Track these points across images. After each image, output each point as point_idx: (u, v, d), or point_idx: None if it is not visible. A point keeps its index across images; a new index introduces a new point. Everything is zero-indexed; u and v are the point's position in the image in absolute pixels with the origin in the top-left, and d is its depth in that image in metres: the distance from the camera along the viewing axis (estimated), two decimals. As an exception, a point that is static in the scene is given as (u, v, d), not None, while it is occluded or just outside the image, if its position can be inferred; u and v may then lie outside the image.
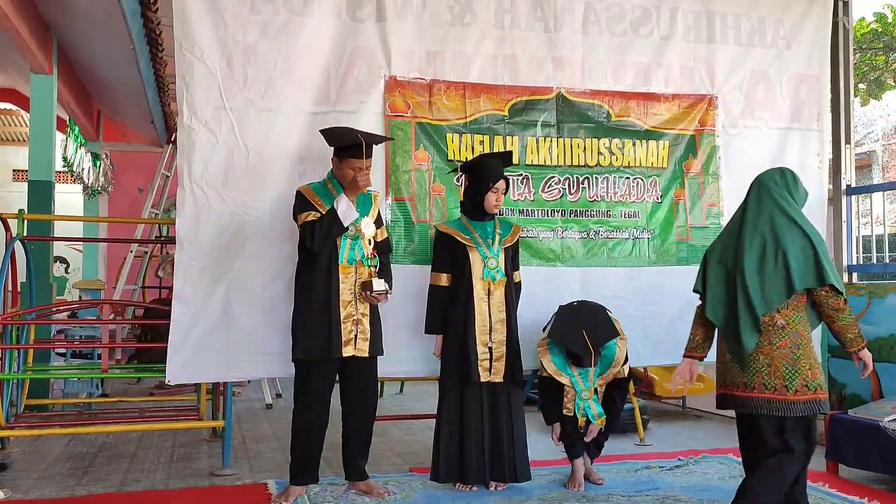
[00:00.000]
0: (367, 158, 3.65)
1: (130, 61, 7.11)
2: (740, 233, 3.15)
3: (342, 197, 3.62)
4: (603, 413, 3.84)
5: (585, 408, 3.81)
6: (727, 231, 3.31)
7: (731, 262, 3.16)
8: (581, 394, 3.82)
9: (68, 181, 10.70)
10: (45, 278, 6.24)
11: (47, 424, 4.95)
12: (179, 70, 3.99)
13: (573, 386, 3.83)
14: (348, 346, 3.64)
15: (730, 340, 3.13)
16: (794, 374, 3.02)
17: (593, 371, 3.83)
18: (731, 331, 3.12)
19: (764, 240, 3.08)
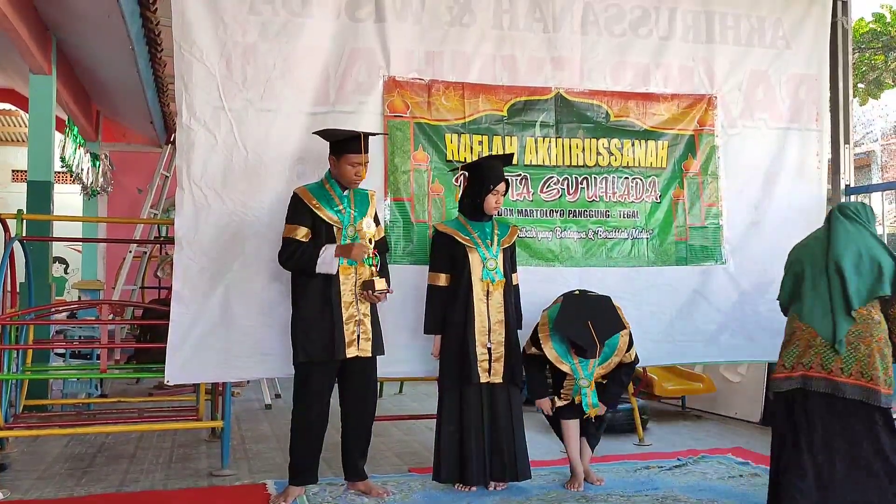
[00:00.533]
0: (364, 153, 3.66)
1: (129, 62, 7.11)
2: (832, 244, 3.29)
3: (330, 250, 3.60)
4: (598, 404, 3.86)
5: (582, 395, 3.83)
6: (813, 248, 3.40)
7: (822, 264, 3.29)
8: (580, 381, 3.83)
9: (67, 182, 10.70)
10: (44, 279, 6.24)
11: (46, 425, 4.94)
12: (178, 70, 3.99)
13: (573, 374, 3.84)
14: (351, 347, 3.64)
15: (823, 327, 3.21)
16: (887, 367, 3.13)
17: (594, 361, 3.83)
18: (825, 318, 3.22)
19: (858, 249, 3.24)
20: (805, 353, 3.23)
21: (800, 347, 3.26)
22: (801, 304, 3.31)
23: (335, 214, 3.67)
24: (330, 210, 3.67)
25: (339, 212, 3.68)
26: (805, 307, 3.29)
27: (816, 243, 3.38)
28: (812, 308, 3.26)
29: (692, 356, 4.87)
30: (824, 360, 3.18)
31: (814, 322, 3.24)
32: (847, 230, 3.30)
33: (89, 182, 9.80)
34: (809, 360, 3.21)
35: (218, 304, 3.96)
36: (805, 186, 5.00)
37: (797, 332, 3.29)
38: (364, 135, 3.65)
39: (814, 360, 3.20)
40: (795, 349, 3.27)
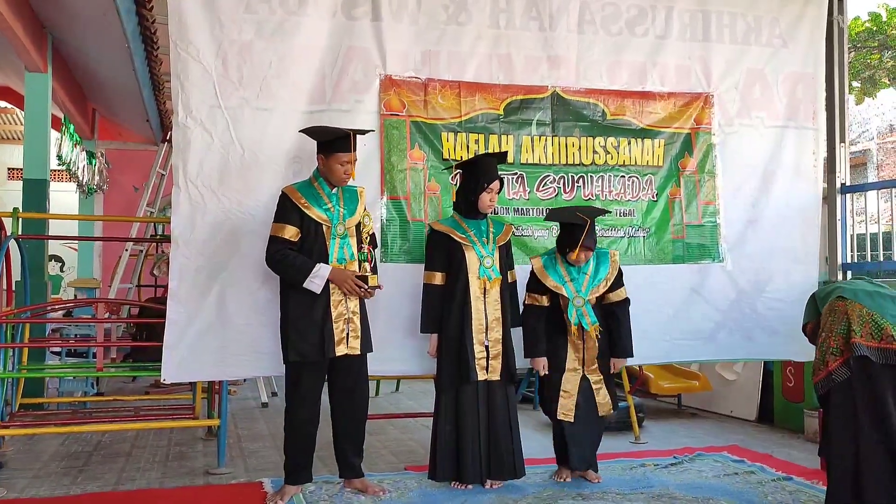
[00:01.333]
0: (353, 151, 3.66)
1: (125, 60, 7.09)
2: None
3: (324, 271, 3.58)
4: (596, 321, 3.93)
5: (578, 315, 3.90)
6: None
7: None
8: (574, 300, 3.91)
9: (63, 180, 10.67)
10: (40, 277, 6.23)
11: (42, 423, 4.94)
12: (174, 69, 3.98)
13: (565, 291, 3.92)
14: (341, 345, 3.64)
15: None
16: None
17: (587, 282, 3.94)
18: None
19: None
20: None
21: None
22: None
23: (324, 213, 3.67)
24: (318, 209, 3.66)
25: (327, 210, 3.68)
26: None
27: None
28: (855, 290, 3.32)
29: (690, 355, 4.88)
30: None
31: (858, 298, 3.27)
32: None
33: (86, 180, 9.78)
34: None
35: (214, 302, 3.96)
36: (801, 185, 5.00)
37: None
38: (353, 133, 3.65)
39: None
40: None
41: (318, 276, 3.58)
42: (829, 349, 3.27)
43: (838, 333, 3.25)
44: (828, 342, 3.29)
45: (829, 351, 3.27)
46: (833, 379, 3.24)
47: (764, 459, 4.44)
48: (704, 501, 3.65)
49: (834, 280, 5.25)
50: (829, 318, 3.36)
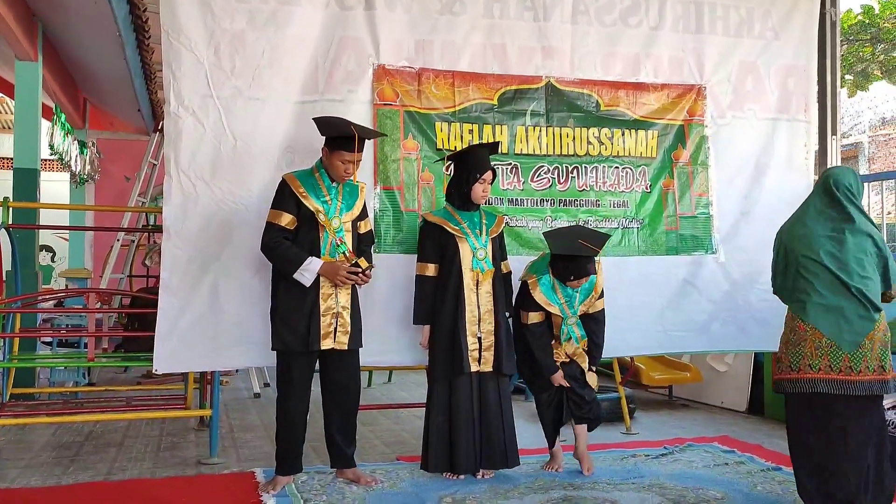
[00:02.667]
0: (358, 152, 3.64)
1: (116, 49, 7.05)
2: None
3: (315, 264, 3.57)
4: (585, 335, 4.00)
5: (569, 331, 3.96)
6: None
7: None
8: (567, 320, 3.96)
9: (54, 169, 10.62)
10: (31, 267, 6.21)
11: (33, 413, 4.93)
12: (166, 58, 3.96)
13: (560, 313, 3.94)
14: (327, 339, 3.63)
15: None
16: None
17: (578, 298, 3.96)
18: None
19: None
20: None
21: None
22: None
23: (321, 204, 3.65)
24: (316, 200, 3.65)
25: (325, 202, 3.67)
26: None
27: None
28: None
29: (683, 346, 4.90)
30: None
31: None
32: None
33: (78, 170, 9.73)
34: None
35: (206, 293, 3.95)
36: (793, 177, 5.02)
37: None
38: (357, 136, 3.60)
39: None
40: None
41: (309, 270, 3.57)
42: (786, 361, 3.35)
43: (796, 355, 3.31)
44: (788, 356, 3.35)
45: (787, 362, 3.35)
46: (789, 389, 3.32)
47: (754, 450, 4.47)
48: (694, 491, 3.67)
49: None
50: (788, 332, 3.39)
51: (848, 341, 3.20)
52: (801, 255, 3.33)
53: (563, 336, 3.98)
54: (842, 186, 3.35)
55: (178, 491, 3.69)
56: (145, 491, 3.70)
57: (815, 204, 3.41)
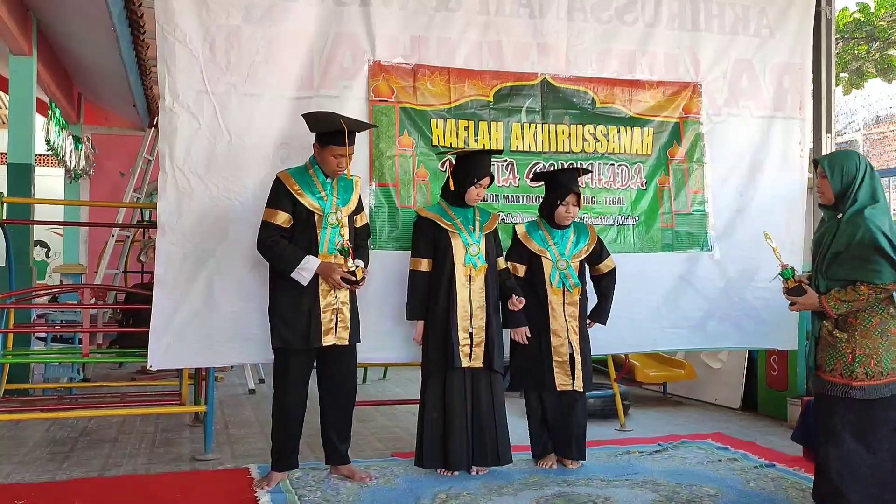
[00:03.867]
0: (349, 146, 3.64)
1: (111, 44, 7.02)
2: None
3: (313, 263, 3.57)
4: (580, 283, 4.03)
5: (562, 276, 3.97)
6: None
7: None
8: (557, 263, 3.98)
9: (49, 164, 10.58)
10: (25, 262, 6.19)
11: (27, 409, 4.92)
12: (161, 53, 3.95)
13: (550, 256, 3.99)
14: (328, 336, 3.63)
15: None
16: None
17: (570, 246, 4.04)
18: None
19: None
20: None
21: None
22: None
23: (317, 202, 3.65)
24: (312, 197, 3.65)
25: (320, 199, 3.66)
26: None
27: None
28: None
29: (678, 343, 4.90)
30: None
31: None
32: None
33: (73, 165, 9.70)
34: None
35: (201, 289, 3.94)
36: (788, 175, 5.03)
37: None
38: (347, 129, 3.60)
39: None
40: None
41: (306, 269, 3.57)
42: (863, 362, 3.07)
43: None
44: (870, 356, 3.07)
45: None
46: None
47: (747, 447, 4.48)
48: (688, 488, 3.68)
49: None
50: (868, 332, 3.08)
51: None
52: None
53: (553, 282, 3.97)
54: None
55: (173, 487, 3.69)
56: (140, 487, 3.70)
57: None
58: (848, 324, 3.09)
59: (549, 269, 4.02)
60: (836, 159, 3.23)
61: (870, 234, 3.00)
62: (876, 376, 3.04)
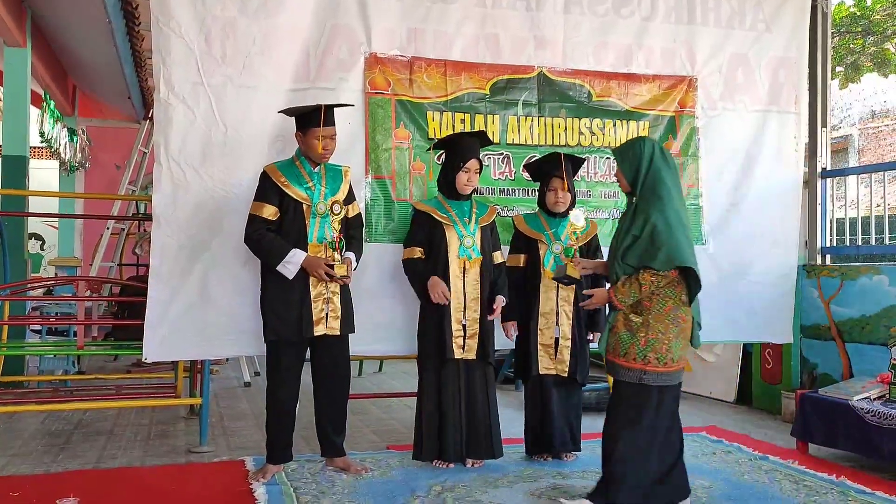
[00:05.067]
0: (325, 126, 3.63)
1: (106, 35, 6.99)
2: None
3: (298, 257, 3.56)
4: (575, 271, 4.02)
5: (556, 261, 3.96)
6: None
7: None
8: (552, 246, 3.99)
9: (43, 157, 10.54)
10: (20, 255, 6.18)
11: (22, 401, 4.92)
12: (156, 45, 3.93)
13: (545, 240, 4.01)
14: (319, 325, 3.63)
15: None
16: None
17: (566, 233, 4.02)
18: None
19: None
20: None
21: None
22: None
23: (304, 192, 3.65)
24: (299, 187, 3.65)
25: (308, 189, 3.66)
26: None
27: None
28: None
29: (671, 336, 4.91)
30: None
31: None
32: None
33: (68, 157, 9.67)
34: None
35: (196, 281, 3.94)
36: (783, 169, 5.04)
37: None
38: (326, 107, 3.62)
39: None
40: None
41: (292, 263, 3.57)
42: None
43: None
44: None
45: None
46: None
47: (741, 440, 4.50)
48: (683, 480, 3.69)
49: (813, 263, 5.31)
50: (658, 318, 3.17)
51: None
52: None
53: (547, 265, 3.98)
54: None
55: (168, 479, 3.69)
56: (135, 479, 3.70)
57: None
58: (644, 308, 3.15)
59: (543, 252, 4.02)
60: (624, 148, 3.36)
61: (651, 222, 3.11)
62: (668, 363, 3.14)
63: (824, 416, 4.10)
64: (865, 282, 4.79)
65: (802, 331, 5.19)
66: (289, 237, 3.61)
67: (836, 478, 3.71)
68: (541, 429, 4.04)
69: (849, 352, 4.87)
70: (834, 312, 4.99)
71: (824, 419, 4.09)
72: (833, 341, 4.98)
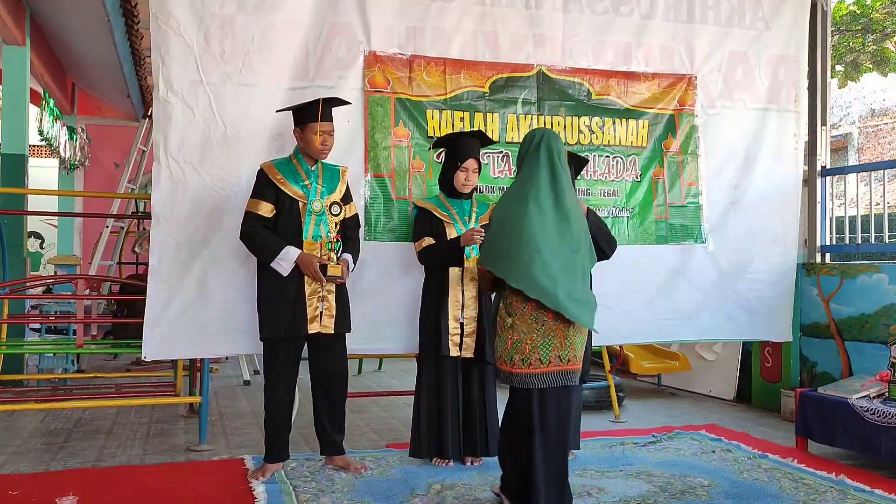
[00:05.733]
0: (323, 121, 3.62)
1: (105, 33, 6.98)
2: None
3: (292, 254, 3.56)
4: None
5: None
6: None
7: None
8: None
9: (43, 155, 10.52)
10: (19, 253, 6.17)
11: (22, 400, 4.92)
12: (155, 42, 3.93)
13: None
14: (314, 323, 3.63)
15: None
16: None
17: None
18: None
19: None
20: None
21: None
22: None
23: (300, 189, 3.65)
24: (295, 185, 3.64)
25: (304, 186, 3.66)
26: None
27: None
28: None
29: (672, 335, 4.92)
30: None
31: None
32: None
33: (67, 156, 9.66)
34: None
35: (195, 280, 3.94)
36: (782, 167, 5.04)
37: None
38: (324, 101, 3.62)
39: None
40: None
41: (286, 260, 3.57)
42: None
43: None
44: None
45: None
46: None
47: (741, 438, 4.50)
48: (682, 479, 3.70)
49: (813, 262, 5.31)
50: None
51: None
52: None
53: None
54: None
55: (168, 477, 3.69)
56: (134, 477, 3.70)
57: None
58: (513, 308, 3.09)
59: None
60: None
61: (492, 217, 3.26)
62: (534, 364, 3.03)
63: (824, 414, 4.10)
64: (865, 280, 4.79)
65: (802, 329, 5.19)
66: (284, 235, 3.61)
67: (836, 476, 3.70)
68: None
69: (848, 350, 4.87)
70: (833, 311, 4.99)
71: (823, 417, 4.09)
72: (832, 340, 4.98)
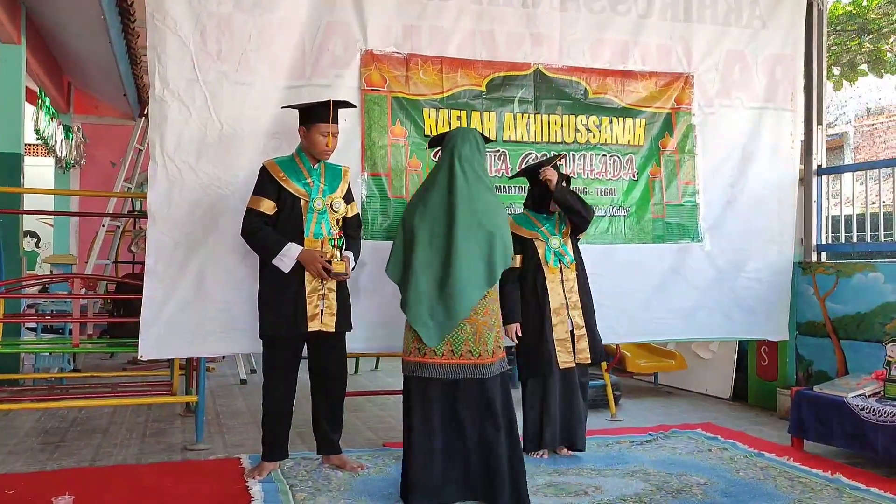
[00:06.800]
0: (333, 123, 3.63)
1: (101, 32, 6.97)
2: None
3: (294, 251, 3.56)
4: (575, 260, 4.09)
5: (557, 255, 4.04)
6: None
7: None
8: (550, 241, 4.05)
9: (38, 154, 10.50)
10: (15, 252, 6.15)
11: (18, 399, 4.91)
12: (151, 41, 3.92)
13: (541, 237, 4.06)
14: (314, 321, 3.62)
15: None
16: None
17: (557, 225, 4.12)
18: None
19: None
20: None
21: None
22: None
23: (302, 187, 3.64)
24: (297, 183, 3.64)
25: (306, 185, 3.65)
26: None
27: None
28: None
29: (669, 333, 4.93)
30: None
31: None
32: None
33: (63, 155, 9.64)
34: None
35: (191, 279, 3.94)
36: (779, 166, 5.05)
37: None
38: (333, 103, 3.62)
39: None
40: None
41: (288, 256, 3.56)
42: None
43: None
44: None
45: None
46: None
47: (737, 437, 4.51)
48: (678, 477, 3.70)
49: (809, 260, 5.32)
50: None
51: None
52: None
53: (549, 261, 4.03)
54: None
55: (164, 476, 3.68)
56: (131, 476, 3.69)
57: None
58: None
59: (542, 249, 4.04)
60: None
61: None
62: (483, 355, 3.37)
63: (819, 413, 4.10)
64: (861, 279, 4.81)
65: (798, 328, 5.20)
66: (286, 232, 3.60)
67: (832, 474, 3.71)
68: (539, 426, 4.04)
69: (844, 349, 4.88)
70: (829, 309, 5.00)
71: (819, 416, 4.10)
72: (828, 338, 4.99)
